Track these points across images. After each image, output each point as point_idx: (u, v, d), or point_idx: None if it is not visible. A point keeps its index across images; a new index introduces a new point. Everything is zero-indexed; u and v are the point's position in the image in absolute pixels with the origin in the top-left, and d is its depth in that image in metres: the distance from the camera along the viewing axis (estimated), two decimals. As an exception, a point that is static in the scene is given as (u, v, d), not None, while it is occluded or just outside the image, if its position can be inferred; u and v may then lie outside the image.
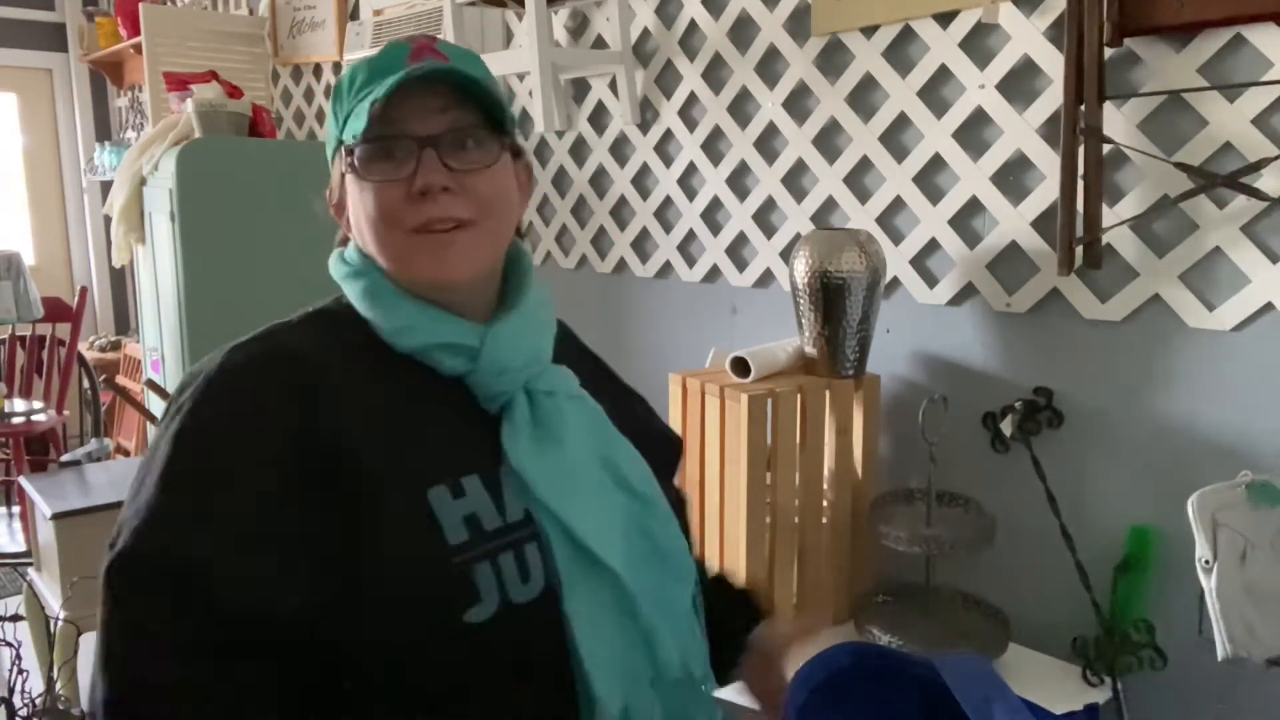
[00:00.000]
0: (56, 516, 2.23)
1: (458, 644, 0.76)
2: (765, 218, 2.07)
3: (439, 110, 0.82)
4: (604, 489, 0.86)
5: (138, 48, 3.65)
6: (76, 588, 1.99)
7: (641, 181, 2.35)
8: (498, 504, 0.81)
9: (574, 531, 0.81)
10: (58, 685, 1.01)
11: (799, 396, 1.70)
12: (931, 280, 1.80)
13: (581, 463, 0.85)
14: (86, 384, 3.61)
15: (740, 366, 1.74)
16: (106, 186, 3.89)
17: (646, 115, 2.30)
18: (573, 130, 2.48)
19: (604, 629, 0.81)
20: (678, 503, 0.96)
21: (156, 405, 2.59)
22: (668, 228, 2.29)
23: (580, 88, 2.45)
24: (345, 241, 0.91)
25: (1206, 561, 1.24)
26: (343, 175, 0.86)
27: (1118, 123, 1.50)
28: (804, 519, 1.73)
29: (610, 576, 0.82)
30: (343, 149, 0.84)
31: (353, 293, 0.88)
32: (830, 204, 1.95)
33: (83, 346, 3.94)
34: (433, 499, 0.78)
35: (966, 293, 1.75)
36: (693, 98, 2.19)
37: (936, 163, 1.77)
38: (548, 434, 0.84)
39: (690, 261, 2.25)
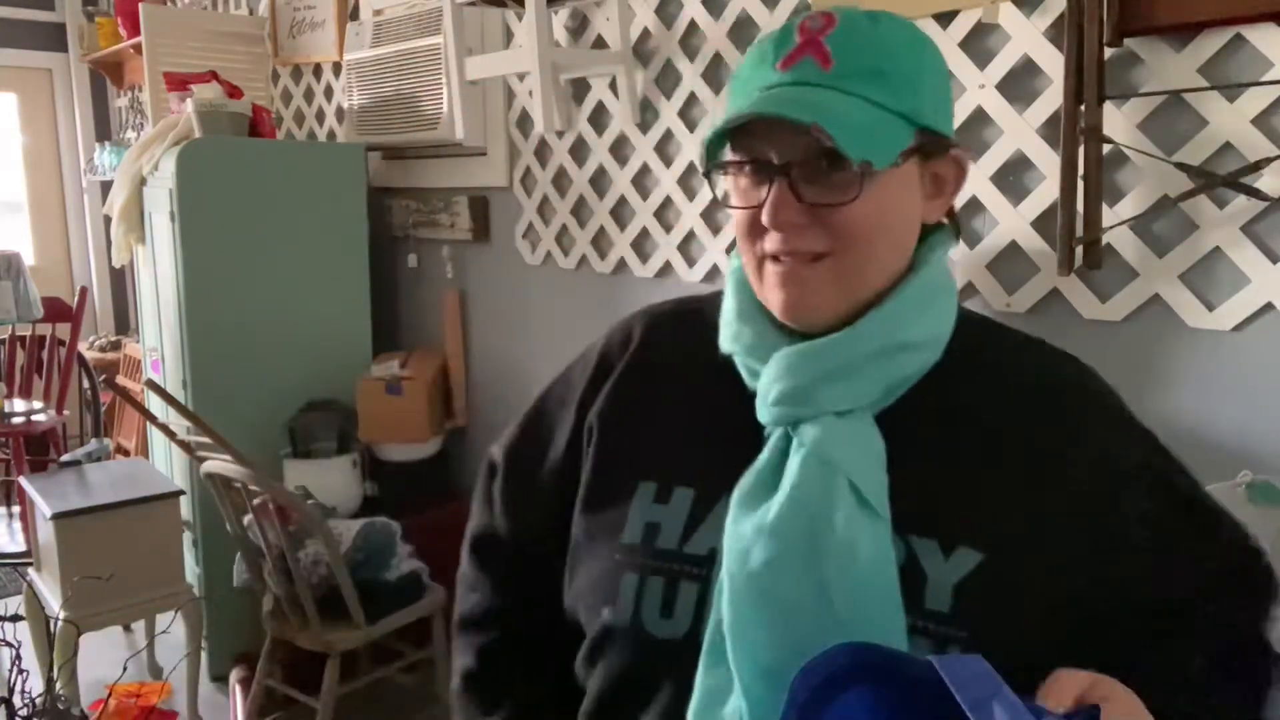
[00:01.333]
0: (56, 516, 2.24)
1: (592, 639, 0.75)
2: (765, 218, 2.07)
3: (800, 130, 0.68)
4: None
5: (138, 48, 3.65)
6: (76, 587, 1.99)
7: (641, 181, 2.35)
8: (689, 527, 0.73)
9: (721, 600, 0.68)
10: (58, 685, 1.01)
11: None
12: (931, 280, 1.80)
13: (775, 530, 0.69)
14: (86, 384, 3.62)
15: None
16: (106, 186, 3.89)
17: (646, 115, 2.30)
18: (573, 130, 2.48)
19: None
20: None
21: (157, 405, 2.59)
22: (668, 228, 2.29)
23: (580, 88, 2.45)
24: None
25: (1206, 561, 1.24)
26: None
27: (1118, 123, 1.50)
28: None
29: (727, 677, 0.66)
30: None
31: (729, 273, 0.84)
32: (830, 204, 1.94)
33: (83, 346, 3.94)
34: (639, 492, 0.76)
35: (966, 292, 1.75)
36: (693, 98, 2.18)
37: (936, 163, 1.76)
38: (771, 482, 0.71)
39: (690, 261, 2.25)
